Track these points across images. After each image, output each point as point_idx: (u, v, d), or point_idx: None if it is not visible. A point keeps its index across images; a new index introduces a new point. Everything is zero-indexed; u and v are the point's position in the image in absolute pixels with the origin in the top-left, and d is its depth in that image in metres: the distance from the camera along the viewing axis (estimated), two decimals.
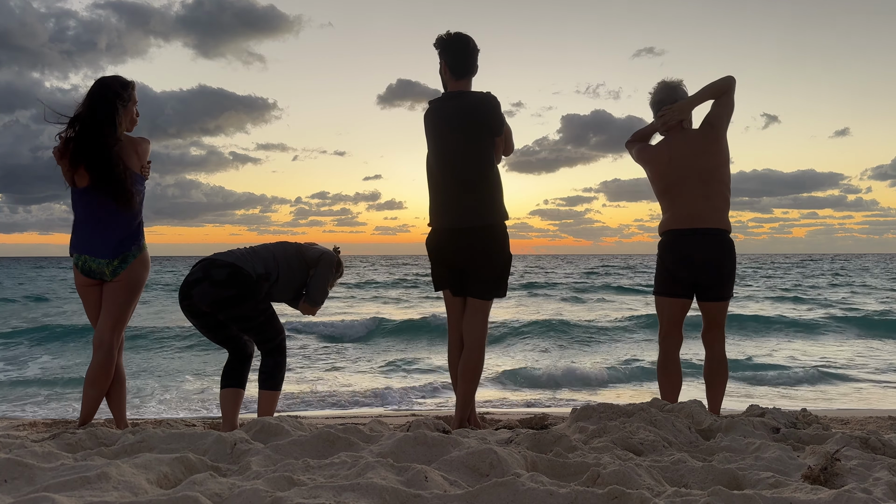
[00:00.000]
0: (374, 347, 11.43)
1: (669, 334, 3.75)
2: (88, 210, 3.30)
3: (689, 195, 3.61)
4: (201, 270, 3.38)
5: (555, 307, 19.45)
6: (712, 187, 3.60)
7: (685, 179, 3.62)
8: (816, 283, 30.54)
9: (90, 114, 3.25)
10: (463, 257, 3.42)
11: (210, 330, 3.50)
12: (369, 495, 1.74)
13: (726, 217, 3.63)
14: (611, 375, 8.29)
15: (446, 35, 3.44)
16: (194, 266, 3.47)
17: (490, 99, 3.40)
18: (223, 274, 3.34)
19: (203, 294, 3.33)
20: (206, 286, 3.33)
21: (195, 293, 3.35)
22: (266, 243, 3.69)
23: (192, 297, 3.37)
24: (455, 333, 3.59)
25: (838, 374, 8.36)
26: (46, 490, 1.72)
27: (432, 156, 3.50)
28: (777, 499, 1.78)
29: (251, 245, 3.65)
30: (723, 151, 3.65)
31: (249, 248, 3.58)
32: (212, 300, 3.33)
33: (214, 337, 3.53)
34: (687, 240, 3.59)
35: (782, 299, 21.39)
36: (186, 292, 3.39)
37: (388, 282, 31.82)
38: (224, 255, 3.45)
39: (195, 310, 3.42)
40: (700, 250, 3.56)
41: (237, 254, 3.48)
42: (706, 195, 3.60)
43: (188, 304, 3.41)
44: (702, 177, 3.61)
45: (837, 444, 2.54)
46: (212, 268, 3.36)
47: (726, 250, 3.59)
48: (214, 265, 3.38)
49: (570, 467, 2.18)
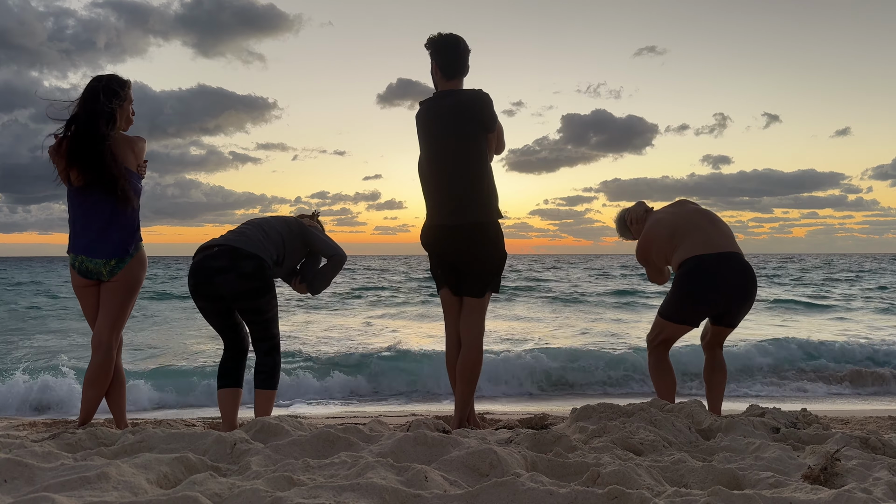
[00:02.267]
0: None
1: (664, 345, 3.79)
2: (84, 209, 3.29)
3: (703, 228, 3.67)
4: (227, 259, 3.32)
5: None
6: (720, 224, 3.72)
7: (691, 219, 3.72)
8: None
9: (86, 113, 3.24)
10: (456, 254, 3.42)
11: (219, 316, 3.46)
12: (369, 495, 1.74)
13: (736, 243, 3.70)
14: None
15: (437, 36, 3.44)
16: (209, 249, 3.38)
17: (482, 95, 3.40)
18: (251, 266, 3.33)
19: (229, 283, 3.31)
20: (233, 277, 3.31)
21: (219, 281, 3.32)
22: (273, 221, 3.62)
23: (214, 284, 3.33)
24: (452, 333, 3.60)
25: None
26: (46, 490, 1.72)
27: (425, 155, 3.50)
28: (777, 499, 1.78)
29: (257, 221, 3.59)
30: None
31: (260, 230, 3.51)
32: (237, 291, 3.32)
33: (221, 323, 3.48)
34: (715, 263, 3.55)
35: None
36: (208, 278, 3.33)
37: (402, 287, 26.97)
38: (245, 243, 3.38)
39: (213, 295, 3.37)
40: (732, 275, 3.54)
41: (255, 239, 3.42)
42: (718, 226, 3.69)
43: (208, 289, 3.36)
44: (708, 216, 3.73)
45: (837, 443, 2.54)
46: (239, 258, 3.32)
47: (753, 276, 3.61)
48: (241, 255, 3.33)
49: (570, 467, 2.18)
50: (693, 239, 3.64)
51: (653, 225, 3.85)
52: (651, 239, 3.81)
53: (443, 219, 3.42)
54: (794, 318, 14.61)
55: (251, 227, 3.53)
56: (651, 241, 3.81)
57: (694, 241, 3.62)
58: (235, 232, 3.49)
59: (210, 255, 3.36)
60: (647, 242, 3.84)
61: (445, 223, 3.41)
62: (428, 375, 7.34)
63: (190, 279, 3.42)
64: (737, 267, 3.55)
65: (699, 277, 3.55)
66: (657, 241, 3.77)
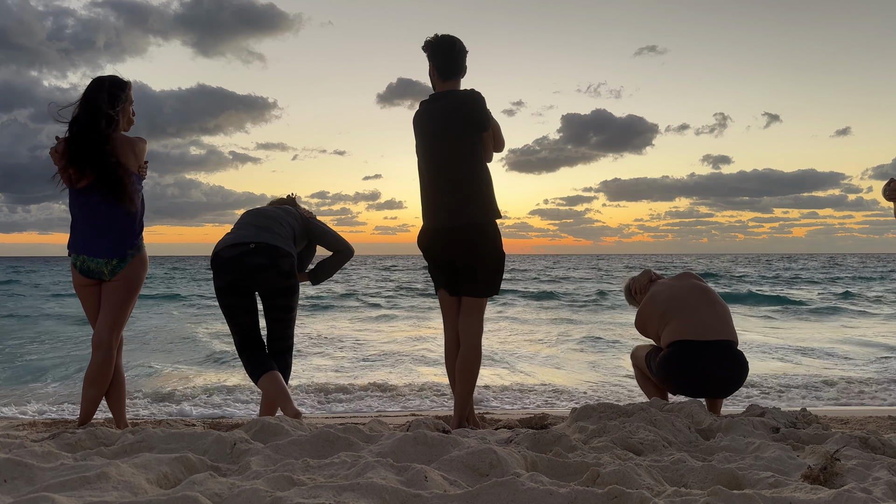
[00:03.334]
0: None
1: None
2: (87, 210, 3.29)
3: (697, 309, 3.61)
4: (267, 257, 3.33)
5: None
6: (717, 305, 3.65)
7: (688, 297, 3.67)
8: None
9: (87, 114, 3.25)
10: (455, 256, 3.42)
11: (249, 312, 3.44)
12: (369, 495, 1.74)
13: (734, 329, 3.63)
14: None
15: (433, 38, 3.48)
16: (244, 245, 3.34)
17: (474, 95, 3.41)
18: (289, 265, 3.38)
19: (269, 281, 3.35)
20: (275, 275, 3.34)
21: (261, 278, 3.34)
22: (281, 214, 3.61)
23: (255, 280, 3.34)
24: (451, 333, 3.60)
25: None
26: (46, 490, 1.72)
27: (422, 157, 3.52)
28: (777, 498, 1.78)
29: (268, 213, 3.58)
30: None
31: (278, 224, 3.51)
32: (276, 287, 3.37)
33: (250, 320, 3.45)
34: (697, 353, 3.46)
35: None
36: (250, 275, 3.32)
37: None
38: (280, 241, 3.39)
39: (249, 291, 3.38)
40: (715, 367, 3.44)
41: (284, 236, 3.45)
42: (714, 307, 3.62)
43: (249, 284, 3.35)
44: (706, 296, 3.68)
45: (837, 443, 2.54)
46: (278, 256, 3.35)
47: (739, 369, 3.51)
48: (280, 253, 3.36)
49: (570, 467, 2.18)
50: (684, 319, 3.57)
51: (648, 300, 3.83)
52: (645, 315, 3.82)
53: (439, 221, 3.43)
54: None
55: (268, 220, 3.52)
56: (645, 317, 3.83)
57: (684, 323, 3.56)
58: (259, 227, 3.45)
59: (248, 252, 3.33)
60: (641, 317, 3.86)
61: (441, 226, 3.42)
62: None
63: (225, 275, 3.35)
64: (722, 359, 3.45)
65: (680, 367, 3.50)
66: (651, 318, 3.77)
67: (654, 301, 3.77)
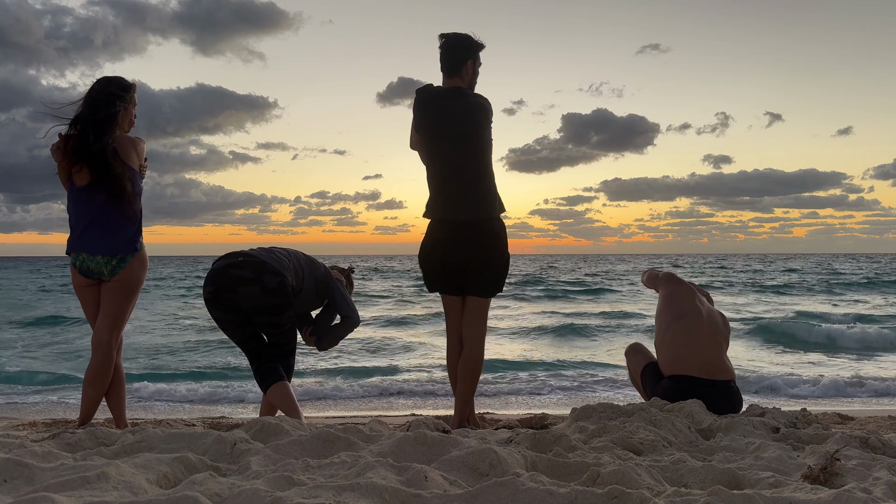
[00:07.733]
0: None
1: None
2: (87, 209, 3.29)
3: (703, 339, 3.53)
4: (251, 271, 3.29)
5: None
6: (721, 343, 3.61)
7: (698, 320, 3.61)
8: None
9: (91, 113, 3.26)
10: (463, 253, 3.42)
11: (239, 326, 3.41)
12: (369, 495, 1.74)
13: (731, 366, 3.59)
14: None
15: (445, 34, 3.56)
16: (232, 259, 3.35)
17: (487, 104, 3.50)
18: (274, 283, 3.29)
19: (251, 297, 3.27)
20: (257, 290, 3.27)
21: (243, 292, 3.28)
22: (299, 254, 3.62)
23: (237, 293, 3.29)
24: (454, 334, 3.60)
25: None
26: (46, 490, 1.72)
27: (429, 153, 3.52)
28: (777, 498, 1.78)
29: (282, 247, 3.58)
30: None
31: (284, 253, 3.50)
32: (259, 305, 3.30)
33: (241, 334, 3.43)
34: (700, 390, 3.38)
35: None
36: (232, 286, 3.29)
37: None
38: (270, 259, 3.36)
39: (231, 305, 3.33)
40: (710, 406, 3.32)
41: (279, 259, 3.41)
42: (717, 343, 3.57)
43: (229, 298, 3.31)
44: (714, 327, 3.61)
45: (837, 443, 2.54)
46: (263, 272, 3.29)
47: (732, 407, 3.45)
48: (266, 270, 3.30)
49: (570, 467, 2.18)
50: (689, 346, 3.50)
51: (666, 301, 3.78)
52: (659, 309, 3.81)
53: (451, 214, 3.44)
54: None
55: (276, 250, 3.53)
56: (658, 310, 3.83)
57: (688, 353, 3.48)
58: (261, 249, 3.47)
59: (234, 264, 3.32)
60: (657, 306, 3.86)
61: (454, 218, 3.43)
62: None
63: (209, 285, 3.34)
64: (717, 399, 3.36)
65: (676, 401, 3.38)
66: (659, 318, 3.76)
67: (670, 303, 3.74)
